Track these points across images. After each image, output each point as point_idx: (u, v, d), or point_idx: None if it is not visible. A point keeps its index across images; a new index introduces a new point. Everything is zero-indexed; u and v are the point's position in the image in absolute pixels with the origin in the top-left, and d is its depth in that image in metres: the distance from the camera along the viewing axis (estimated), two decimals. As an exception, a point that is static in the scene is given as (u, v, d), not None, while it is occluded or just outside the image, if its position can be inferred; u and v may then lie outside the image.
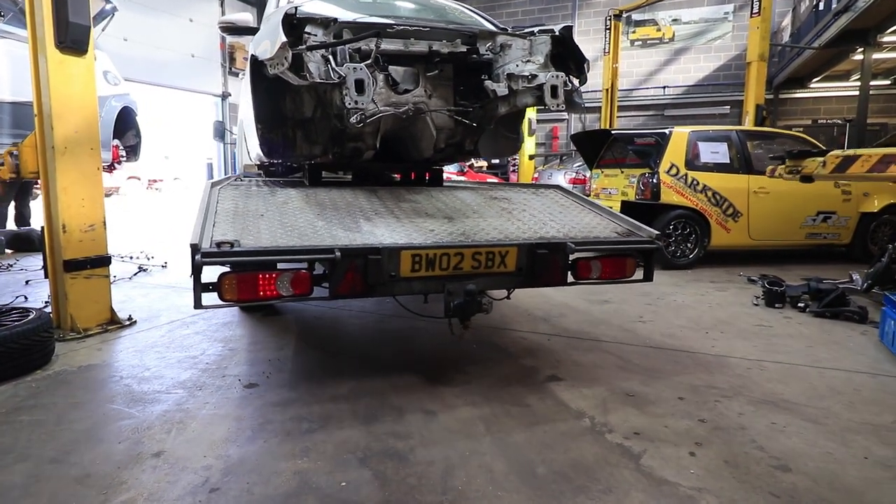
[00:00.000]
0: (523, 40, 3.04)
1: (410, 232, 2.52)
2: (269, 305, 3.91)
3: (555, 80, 2.82)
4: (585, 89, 13.26)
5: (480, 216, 2.89)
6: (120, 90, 5.23)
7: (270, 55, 2.43)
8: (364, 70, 2.52)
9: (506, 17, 17.33)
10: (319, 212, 2.70)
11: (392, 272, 2.30)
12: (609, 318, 3.92)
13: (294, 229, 2.42)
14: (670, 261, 5.86)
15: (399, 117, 3.01)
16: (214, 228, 2.32)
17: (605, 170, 6.84)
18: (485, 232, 2.61)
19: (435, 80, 3.13)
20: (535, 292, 4.69)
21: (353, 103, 2.50)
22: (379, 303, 4.25)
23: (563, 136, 16.82)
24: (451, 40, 3.04)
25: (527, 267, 2.52)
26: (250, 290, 2.15)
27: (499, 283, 2.59)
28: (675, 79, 15.76)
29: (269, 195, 2.94)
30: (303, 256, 2.24)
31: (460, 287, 2.40)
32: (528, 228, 2.76)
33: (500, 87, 2.95)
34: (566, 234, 2.72)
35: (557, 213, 3.09)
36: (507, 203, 3.20)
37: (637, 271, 2.78)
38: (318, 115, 3.20)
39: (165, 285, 4.83)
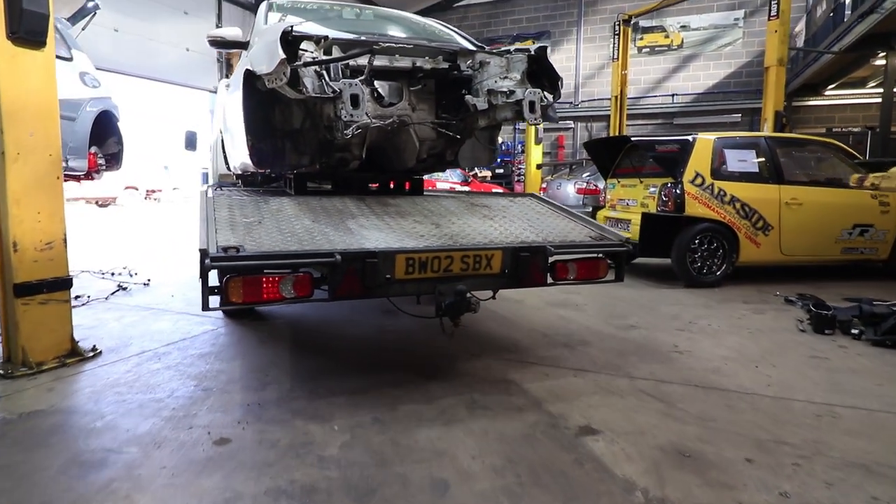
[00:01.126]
0: (501, 58, 3.23)
1: (402, 237, 2.67)
2: (251, 310, 4.05)
3: (532, 95, 3.01)
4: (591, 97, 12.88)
5: (465, 222, 3.06)
6: (99, 93, 4.81)
7: (269, 70, 2.55)
8: (359, 85, 2.70)
9: (510, 25, 17.02)
10: (314, 218, 2.82)
11: (388, 274, 2.45)
12: (639, 347, 3.45)
13: (293, 235, 2.54)
14: (696, 278, 5.39)
15: (384, 129, 3.17)
16: (217, 235, 2.41)
17: (621, 179, 6.39)
18: (471, 237, 2.80)
19: (418, 95, 3.31)
20: (553, 314, 4.23)
21: (349, 116, 2.67)
22: (373, 314, 3.79)
23: (568, 146, 16.43)
24: (434, 57, 3.26)
25: (511, 269, 2.70)
26: (255, 293, 2.25)
27: (485, 284, 2.78)
28: (684, 86, 15.38)
29: (262, 203, 3.04)
30: (305, 260, 2.34)
31: (451, 288, 2.56)
32: (510, 233, 2.95)
33: (480, 102, 3.11)
34: (545, 238, 2.93)
35: (534, 219, 3.30)
36: (487, 210, 3.38)
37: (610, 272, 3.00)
38: (307, 126, 3.31)
39: (144, 306, 4.38)
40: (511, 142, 17.08)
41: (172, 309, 4.31)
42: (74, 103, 4.41)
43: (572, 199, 9.03)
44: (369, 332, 3.76)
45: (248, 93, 3.11)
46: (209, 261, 2.14)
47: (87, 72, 4.77)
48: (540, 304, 4.61)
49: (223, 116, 4.90)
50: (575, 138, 16.35)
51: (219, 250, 2.22)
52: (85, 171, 4.57)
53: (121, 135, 5.26)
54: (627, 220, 5.92)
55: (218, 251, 2.21)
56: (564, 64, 16.30)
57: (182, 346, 3.36)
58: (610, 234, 3.15)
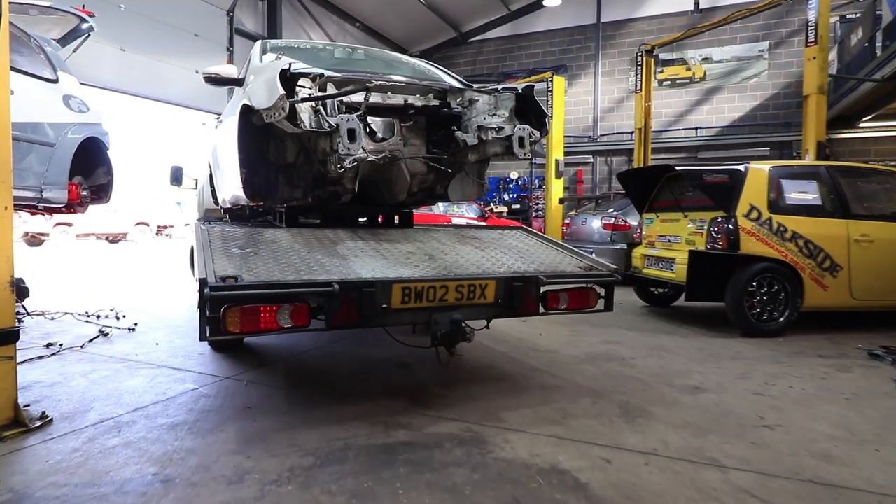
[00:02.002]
0: (489, 96, 3.38)
1: (397, 267, 2.71)
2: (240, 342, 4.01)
3: (522, 131, 3.18)
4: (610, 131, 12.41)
5: (457, 253, 3.10)
6: (87, 118, 4.37)
7: (268, 105, 2.65)
8: (356, 120, 2.76)
9: (526, 59, 16.80)
10: (308, 249, 2.85)
11: (384, 304, 2.48)
12: (717, 420, 2.76)
13: (289, 265, 2.56)
14: (754, 325, 4.70)
15: (376, 163, 3.22)
16: (215, 265, 2.41)
17: (660, 214, 5.78)
18: (464, 267, 2.85)
19: (409, 130, 3.39)
20: (598, 370, 3.56)
21: (346, 150, 2.73)
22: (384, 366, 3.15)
23: (587, 180, 15.92)
24: (425, 94, 3.38)
25: (504, 298, 2.76)
26: (252, 322, 2.25)
27: (480, 314, 2.85)
28: (708, 119, 14.88)
29: (256, 235, 3.06)
30: (303, 290, 2.37)
31: (446, 317, 2.60)
32: (502, 263, 3.02)
33: (470, 138, 3.27)
34: (536, 268, 3.00)
35: (524, 251, 3.38)
36: (478, 242, 3.46)
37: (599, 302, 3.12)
38: (301, 160, 3.36)
39: (121, 357, 3.79)
40: (527, 177, 16.63)
41: (153, 360, 3.71)
42: (55, 128, 3.96)
43: (599, 235, 8.41)
44: (385, 389, 3.12)
45: (244, 127, 3.17)
46: (209, 290, 2.14)
47: (74, 95, 4.34)
48: (579, 356, 3.95)
49: (213, 152, 4.87)
50: (594, 172, 15.84)
51: (217, 280, 2.22)
52: (64, 202, 4.08)
53: (110, 164, 4.79)
54: (670, 258, 5.28)
55: (216, 280, 2.21)
56: (582, 98, 15.96)
57: (152, 413, 2.74)
58: (598, 264, 3.25)
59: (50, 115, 3.91)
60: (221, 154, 4.17)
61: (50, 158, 3.86)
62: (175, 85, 9.80)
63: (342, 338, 4.52)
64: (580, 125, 15.87)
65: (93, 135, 4.37)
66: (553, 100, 10.77)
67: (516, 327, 5.01)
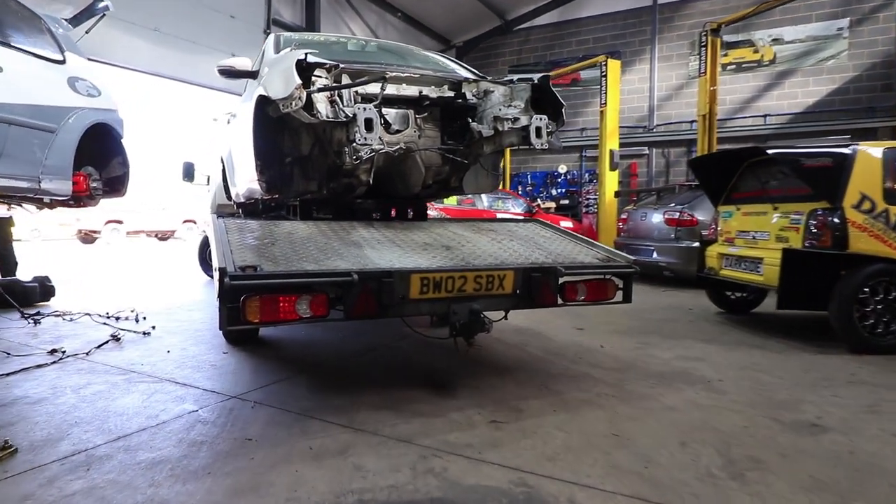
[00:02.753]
0: (504, 87, 3.37)
1: (415, 258, 2.69)
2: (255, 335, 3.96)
3: (539, 122, 3.18)
4: (668, 120, 11.45)
5: (474, 244, 3.07)
6: (97, 104, 4.00)
7: (285, 95, 2.66)
8: (372, 109, 2.77)
9: (575, 46, 15.91)
10: (325, 240, 2.84)
11: (402, 294, 2.46)
12: (859, 478, 2.04)
13: (307, 255, 2.56)
14: (867, 340, 3.86)
15: (390, 155, 3.17)
16: (233, 255, 2.40)
17: (741, 206, 4.96)
18: (482, 258, 2.84)
19: (424, 122, 3.38)
20: (680, 398, 2.87)
21: (363, 140, 2.74)
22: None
23: (642, 173, 14.90)
24: (439, 85, 3.38)
25: (523, 289, 2.75)
26: (272, 312, 2.24)
27: (498, 305, 2.85)
28: (778, 106, 13.61)
29: (273, 227, 3.02)
30: (323, 279, 2.36)
31: (465, 307, 2.60)
32: (520, 255, 3.00)
33: (485, 129, 3.25)
34: (554, 260, 2.98)
35: (541, 242, 3.33)
36: (494, 234, 3.40)
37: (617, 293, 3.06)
38: (316, 152, 3.33)
39: (124, 367, 3.37)
40: (577, 170, 15.75)
41: (158, 372, 3.27)
42: (56, 111, 3.59)
43: (660, 231, 7.58)
44: (426, 428, 2.54)
45: (259, 119, 3.14)
46: (228, 279, 2.13)
47: (82, 78, 3.97)
48: (652, 375, 3.26)
49: (226, 146, 4.78)
50: (650, 165, 14.80)
51: (237, 269, 2.21)
52: (68, 194, 3.71)
53: (126, 155, 4.42)
54: (757, 258, 4.47)
55: (236, 270, 2.20)
56: (637, 85, 14.94)
57: (134, 444, 2.26)
58: (617, 255, 3.19)
59: (50, 98, 3.55)
60: (236, 148, 4.14)
61: (49, 145, 3.49)
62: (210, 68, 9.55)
63: (371, 349, 3.99)
64: (634, 115, 14.86)
65: (103, 121, 4.00)
66: (607, 85, 9.94)
67: (574, 336, 4.34)
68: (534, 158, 16.44)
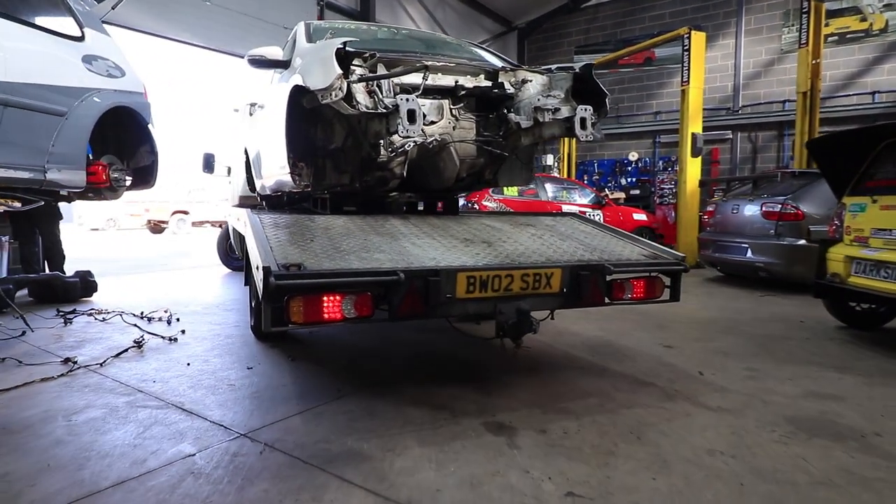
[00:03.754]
0: (543, 76, 3.33)
1: (459, 255, 2.59)
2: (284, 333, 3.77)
3: (584, 112, 3.08)
4: (756, 101, 10.18)
5: (516, 241, 2.98)
6: (118, 85, 3.61)
7: (325, 85, 2.59)
8: (416, 100, 2.71)
9: (649, 23, 14.62)
10: (364, 236, 2.75)
11: (449, 293, 2.37)
12: None
13: (349, 252, 2.46)
14: None
15: (424, 147, 3.06)
16: (274, 252, 2.30)
17: (879, 197, 3.96)
18: (525, 255, 2.72)
19: (459, 113, 3.27)
20: (838, 459, 2.06)
21: (405, 132, 2.67)
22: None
23: (724, 160, 13.50)
24: (476, 75, 3.30)
25: (570, 288, 2.64)
26: (316, 312, 2.16)
27: (545, 304, 2.74)
28: (889, 81, 11.86)
29: (308, 221, 2.94)
30: (368, 278, 2.25)
31: (511, 307, 2.49)
32: (564, 252, 2.88)
33: (524, 120, 3.19)
34: (599, 256, 2.86)
35: (583, 238, 3.23)
36: (533, 229, 3.31)
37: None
38: (349, 144, 3.27)
39: (134, 384, 2.94)
40: (650, 157, 14.52)
41: (166, 394, 2.81)
42: (67, 92, 3.20)
43: (756, 226, 6.52)
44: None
45: (292, 110, 3.04)
46: (273, 279, 2.03)
47: (103, 56, 3.57)
48: (778, 424, 2.45)
49: (252, 137, 4.68)
50: (734, 151, 13.36)
51: (280, 268, 2.11)
52: (81, 185, 3.33)
53: (153, 142, 4.02)
54: (890, 262, 3.51)
55: (280, 269, 2.10)
56: (720, 63, 13.50)
57: (100, 508, 1.75)
58: (663, 252, 3.07)
59: (60, 77, 3.16)
60: (263, 139, 4.00)
61: (58, 130, 3.10)
62: (260, 41, 9.28)
63: (420, 355, 3.38)
64: (716, 95, 13.46)
65: (125, 104, 3.58)
66: (691, 60, 8.83)
67: (661, 355, 3.56)
68: (601, 146, 15.34)
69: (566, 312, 4.99)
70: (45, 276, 5.23)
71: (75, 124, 3.21)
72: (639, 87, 14.91)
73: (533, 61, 16.95)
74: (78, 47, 3.39)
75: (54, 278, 5.19)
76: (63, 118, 3.13)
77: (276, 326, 2.15)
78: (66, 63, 3.26)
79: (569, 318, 4.59)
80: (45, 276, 5.20)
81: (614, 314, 4.96)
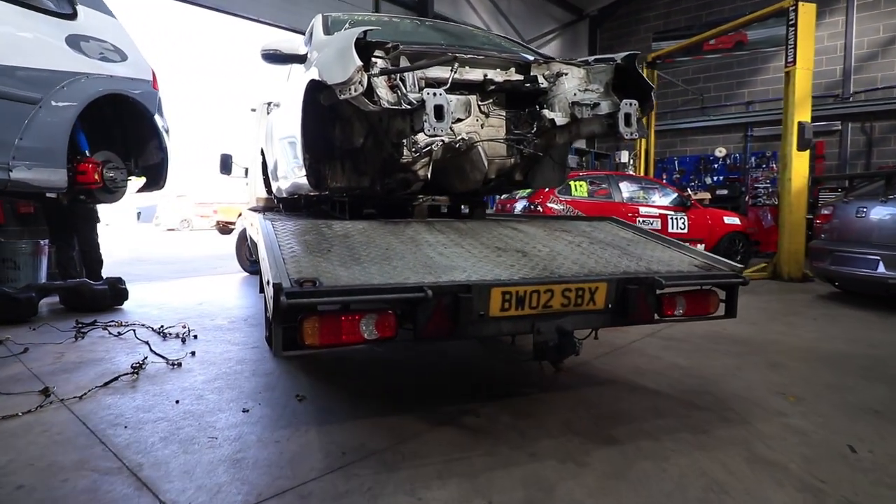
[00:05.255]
0: (579, 69, 3.06)
1: (491, 267, 2.36)
2: None
3: (628, 107, 2.81)
4: (871, 85, 8.60)
5: (552, 249, 2.74)
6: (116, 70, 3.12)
7: (343, 79, 2.39)
8: (444, 95, 2.45)
9: (739, 2, 13.06)
10: (386, 245, 2.54)
11: (482, 311, 2.14)
12: None
13: (370, 264, 2.26)
14: None
15: (450, 147, 2.94)
16: (287, 265, 2.10)
17: None
18: (566, 266, 2.48)
19: (488, 109, 3.08)
20: None
21: (432, 130, 2.43)
22: None
23: (831, 155, 11.78)
24: (506, 68, 3.04)
25: (616, 304, 2.39)
26: (333, 334, 1.97)
27: (588, 322, 2.47)
28: None
29: (325, 228, 2.75)
30: (391, 295, 2.05)
31: (551, 326, 2.27)
32: (608, 262, 2.62)
33: (559, 116, 2.96)
34: (647, 267, 2.60)
35: (626, 247, 2.95)
36: (569, 235, 3.06)
37: None
38: (370, 144, 3.08)
39: (103, 428, 2.39)
40: (740, 153, 12.98)
41: (128, 449, 2.23)
42: (40, 77, 2.71)
43: (890, 233, 5.25)
44: None
45: (308, 109, 2.92)
46: (285, 297, 1.81)
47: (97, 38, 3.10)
48: None
49: (268, 138, 4.57)
50: (842, 144, 11.63)
51: (293, 284, 1.90)
52: (62, 187, 2.84)
53: (162, 138, 3.52)
54: None
55: (293, 285, 1.88)
56: (826, 44, 11.79)
57: None
58: (718, 262, 2.76)
59: (32, 58, 2.68)
60: (279, 140, 3.84)
61: (27, 121, 2.61)
62: (310, 11, 8.99)
63: (478, 399, 2.63)
64: (822, 81, 11.76)
65: (121, 91, 3.09)
66: (798, 37, 7.50)
67: (786, 412, 2.61)
68: (682, 141, 13.94)
69: (637, 332, 4.13)
70: (73, 283, 4.94)
71: (52, 114, 2.73)
72: (728, 74, 13.40)
73: (605, 51, 15.75)
74: (62, 25, 2.92)
75: (82, 285, 4.89)
76: (35, 106, 2.65)
77: (287, 350, 1.91)
78: (44, 43, 2.78)
79: (643, 341, 3.69)
80: (73, 284, 4.91)
81: (703, 341, 4.00)
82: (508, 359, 3.32)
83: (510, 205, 7.64)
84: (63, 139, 2.75)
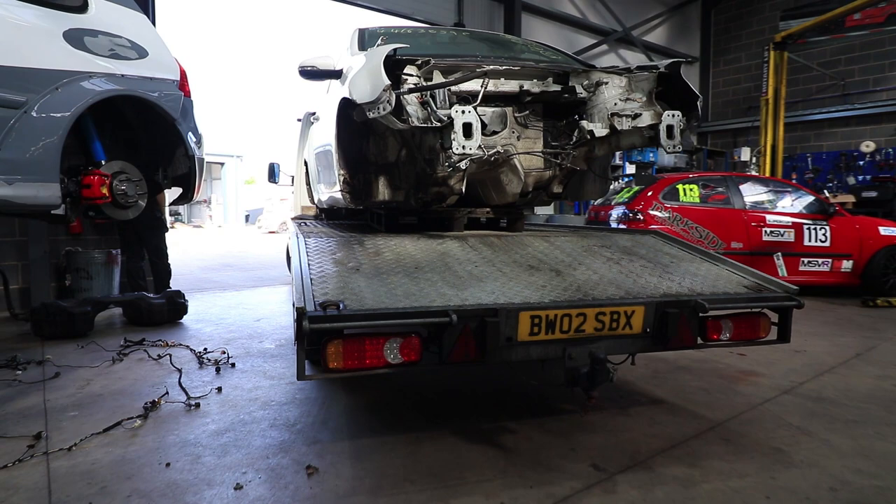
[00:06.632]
0: (620, 77, 2.97)
1: (521, 288, 2.28)
2: None
3: (671, 118, 2.73)
4: None
5: (588, 268, 2.63)
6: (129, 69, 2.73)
7: (372, 98, 2.36)
8: (473, 112, 2.38)
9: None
10: (416, 265, 2.49)
11: (509, 336, 2.08)
12: None
13: (397, 286, 2.21)
14: None
15: (486, 160, 2.81)
16: (313, 287, 2.11)
17: None
18: (601, 287, 2.36)
19: (524, 121, 3.08)
20: None
21: (461, 148, 2.36)
22: None
23: None
24: (543, 78, 2.99)
25: (654, 328, 2.27)
26: (357, 358, 1.95)
27: (623, 347, 2.35)
28: None
29: (356, 245, 2.75)
30: (415, 320, 2.00)
31: (583, 351, 2.17)
32: (647, 282, 2.49)
33: (598, 128, 2.89)
34: (690, 288, 2.45)
35: (669, 264, 2.80)
36: (609, 252, 2.93)
37: None
38: (404, 159, 3.08)
39: (84, 486, 1.94)
40: (893, 148, 10.82)
41: None
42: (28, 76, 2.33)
43: None
44: None
45: (342, 124, 2.93)
46: (308, 322, 1.80)
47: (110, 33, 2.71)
48: None
49: (309, 149, 4.75)
50: None
51: (317, 308, 1.89)
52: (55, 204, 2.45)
53: (188, 145, 3.11)
54: None
55: (316, 309, 1.88)
56: None
57: None
58: (770, 281, 2.55)
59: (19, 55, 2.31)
60: (319, 153, 3.92)
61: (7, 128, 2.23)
62: None
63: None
64: None
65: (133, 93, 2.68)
66: None
67: None
68: (817, 134, 11.97)
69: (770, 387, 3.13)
70: (130, 296, 4.78)
71: (41, 119, 2.34)
72: (876, 54, 11.28)
73: (720, 35, 14.00)
74: (62, 19, 2.54)
75: (139, 300, 4.71)
76: (19, 111, 2.28)
77: (312, 376, 1.97)
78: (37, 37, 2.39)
79: (777, 401, 2.70)
80: (130, 297, 4.75)
81: (872, 406, 2.89)
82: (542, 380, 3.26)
83: (604, 212, 6.68)
84: (55, 149, 2.36)
